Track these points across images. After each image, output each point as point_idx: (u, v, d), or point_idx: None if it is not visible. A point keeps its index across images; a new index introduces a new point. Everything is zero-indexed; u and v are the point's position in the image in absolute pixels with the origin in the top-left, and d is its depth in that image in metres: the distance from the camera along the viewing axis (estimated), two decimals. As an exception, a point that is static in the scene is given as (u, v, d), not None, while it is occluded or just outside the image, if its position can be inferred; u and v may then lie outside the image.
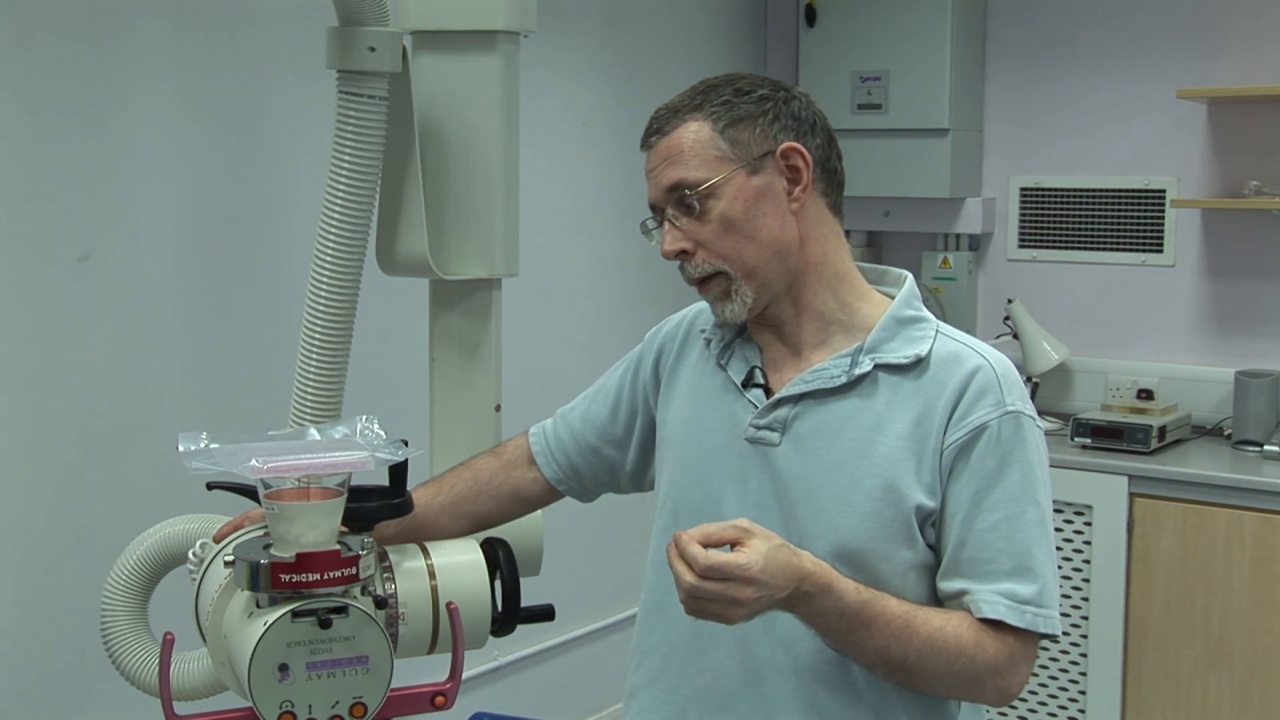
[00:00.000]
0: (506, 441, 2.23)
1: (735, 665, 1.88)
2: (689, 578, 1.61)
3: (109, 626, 2.20)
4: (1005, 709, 4.59)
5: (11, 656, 3.08)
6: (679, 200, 1.87)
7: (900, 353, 1.87)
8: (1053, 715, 4.56)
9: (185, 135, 3.37)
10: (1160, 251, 4.88)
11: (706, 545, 1.63)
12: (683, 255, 1.88)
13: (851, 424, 1.86)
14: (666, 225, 1.89)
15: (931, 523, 1.84)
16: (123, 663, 2.20)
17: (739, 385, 1.94)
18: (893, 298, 1.94)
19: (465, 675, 1.80)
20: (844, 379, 1.87)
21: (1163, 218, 4.86)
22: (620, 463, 2.13)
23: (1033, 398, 4.78)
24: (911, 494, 1.82)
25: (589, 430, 2.14)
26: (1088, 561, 4.44)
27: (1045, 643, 4.40)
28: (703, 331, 2.04)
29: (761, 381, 1.92)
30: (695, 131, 1.87)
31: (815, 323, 1.92)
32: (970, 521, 1.82)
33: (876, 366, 1.87)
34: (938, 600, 1.84)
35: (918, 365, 1.86)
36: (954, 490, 1.83)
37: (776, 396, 1.90)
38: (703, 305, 2.08)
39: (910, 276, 1.98)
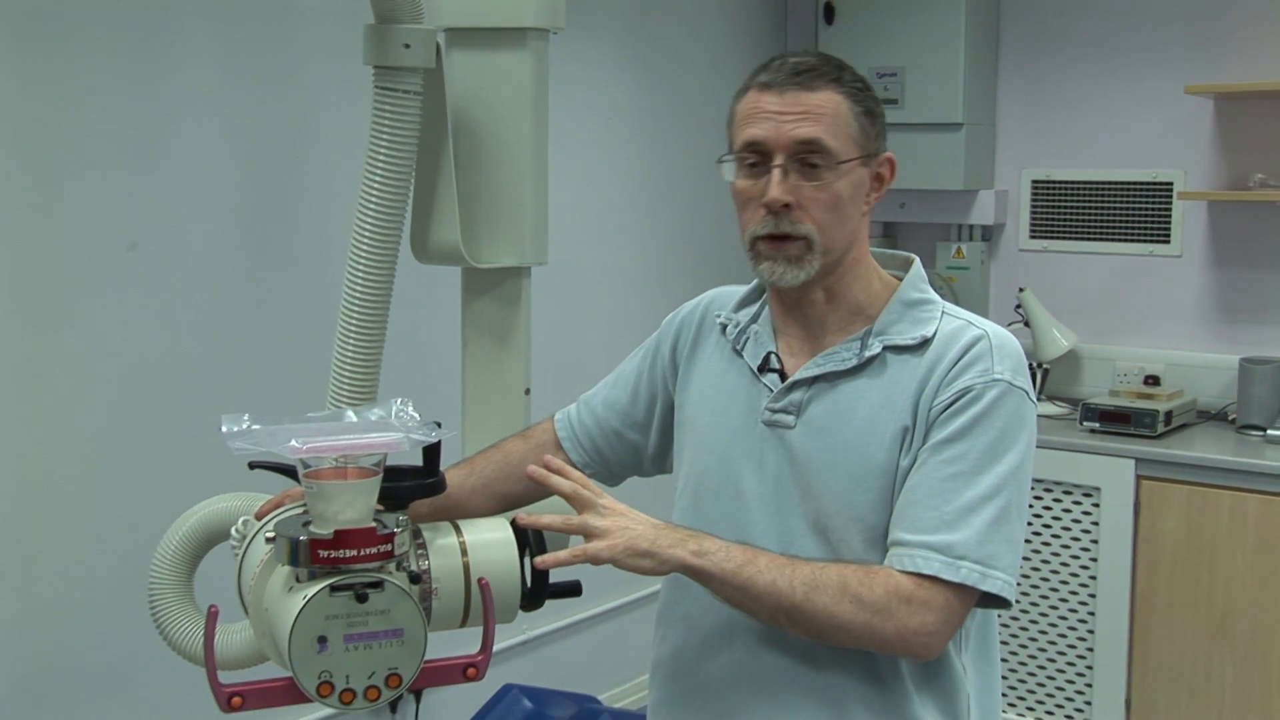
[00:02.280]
0: (534, 425, 2.23)
1: (760, 640, 1.88)
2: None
3: (156, 599, 2.22)
4: (1015, 683, 4.59)
5: (63, 627, 3.10)
6: (804, 158, 1.83)
7: (908, 334, 1.87)
8: (1060, 689, 4.56)
9: (227, 130, 3.38)
10: (1167, 242, 4.87)
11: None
12: (785, 208, 1.85)
13: (862, 403, 1.85)
14: (778, 174, 1.83)
15: None
16: (169, 634, 2.21)
17: (755, 370, 1.94)
18: (900, 280, 1.94)
19: (495, 648, 1.80)
20: (854, 361, 1.87)
21: (1170, 209, 4.85)
22: (642, 445, 2.13)
23: (1043, 384, 4.80)
24: (907, 463, 1.82)
25: (611, 415, 2.14)
26: (1095, 541, 4.43)
27: (1053, 619, 4.42)
28: (717, 316, 2.04)
29: (777, 366, 1.92)
30: (838, 103, 1.84)
31: (842, 312, 1.91)
32: (920, 469, 1.80)
33: (885, 348, 1.87)
34: None
35: (924, 345, 1.86)
36: (923, 448, 1.81)
37: (791, 380, 1.89)
38: (717, 292, 2.08)
39: (917, 260, 1.98)
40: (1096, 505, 4.43)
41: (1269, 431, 4.41)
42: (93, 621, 3.14)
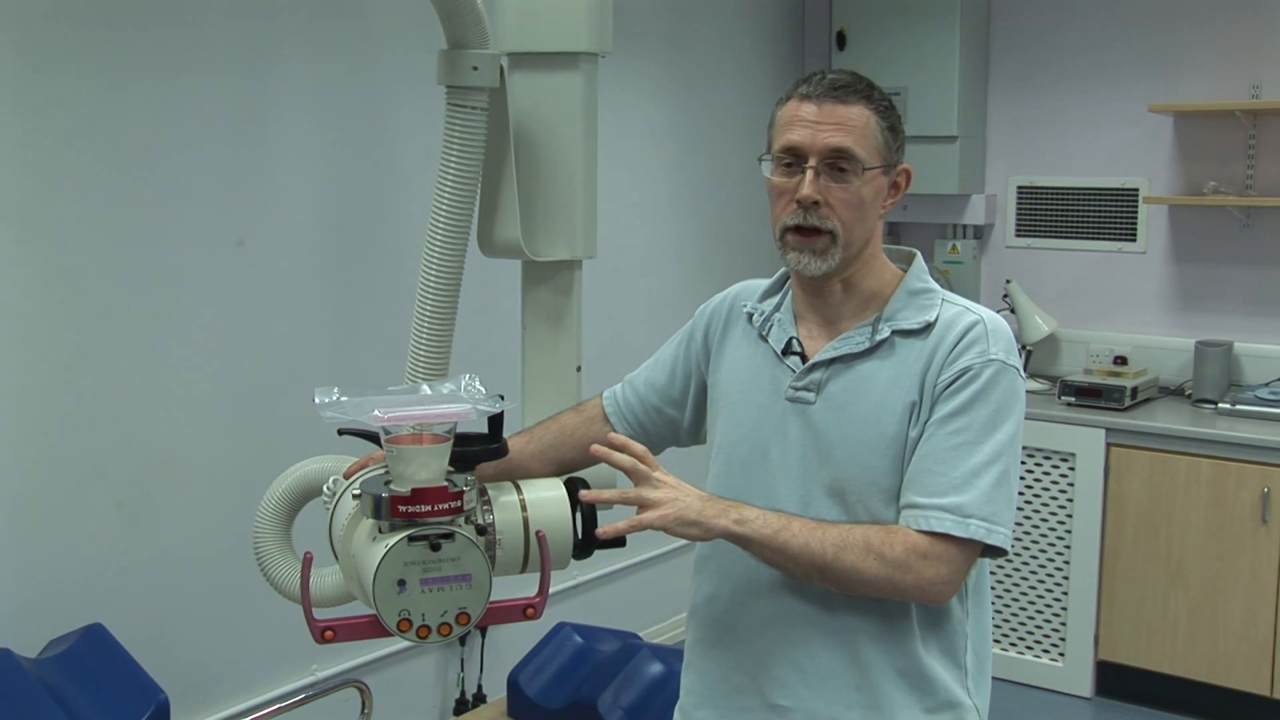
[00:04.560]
0: (586, 401, 2.20)
1: (783, 589, 1.85)
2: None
3: (260, 546, 2.21)
4: (1000, 622, 4.56)
5: (184, 567, 3.12)
6: (835, 163, 1.80)
7: (913, 320, 1.84)
8: (1039, 627, 4.53)
9: (322, 141, 3.38)
10: (1134, 240, 4.84)
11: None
12: (815, 205, 1.83)
13: (873, 381, 1.83)
14: (811, 174, 1.80)
15: None
16: (271, 575, 2.21)
17: (779, 353, 1.92)
18: (904, 272, 1.92)
19: (551, 591, 1.79)
20: (867, 344, 1.84)
21: (1136, 212, 4.83)
22: (679, 420, 2.10)
23: (1026, 363, 4.76)
24: (915, 433, 1.80)
25: (651, 393, 2.11)
26: (1071, 500, 4.42)
27: (1033, 567, 4.39)
28: (744, 306, 2.01)
29: (798, 349, 1.90)
30: (868, 117, 1.81)
31: (856, 301, 1.88)
32: (929, 440, 1.77)
33: (893, 332, 1.84)
34: None
35: (927, 329, 1.83)
36: (929, 421, 1.78)
37: (811, 362, 1.87)
38: (742, 285, 2.05)
39: (919, 254, 1.96)
40: (1072, 469, 4.41)
41: (1220, 405, 4.39)
42: (207, 564, 3.16)
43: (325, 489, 1.96)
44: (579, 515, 1.90)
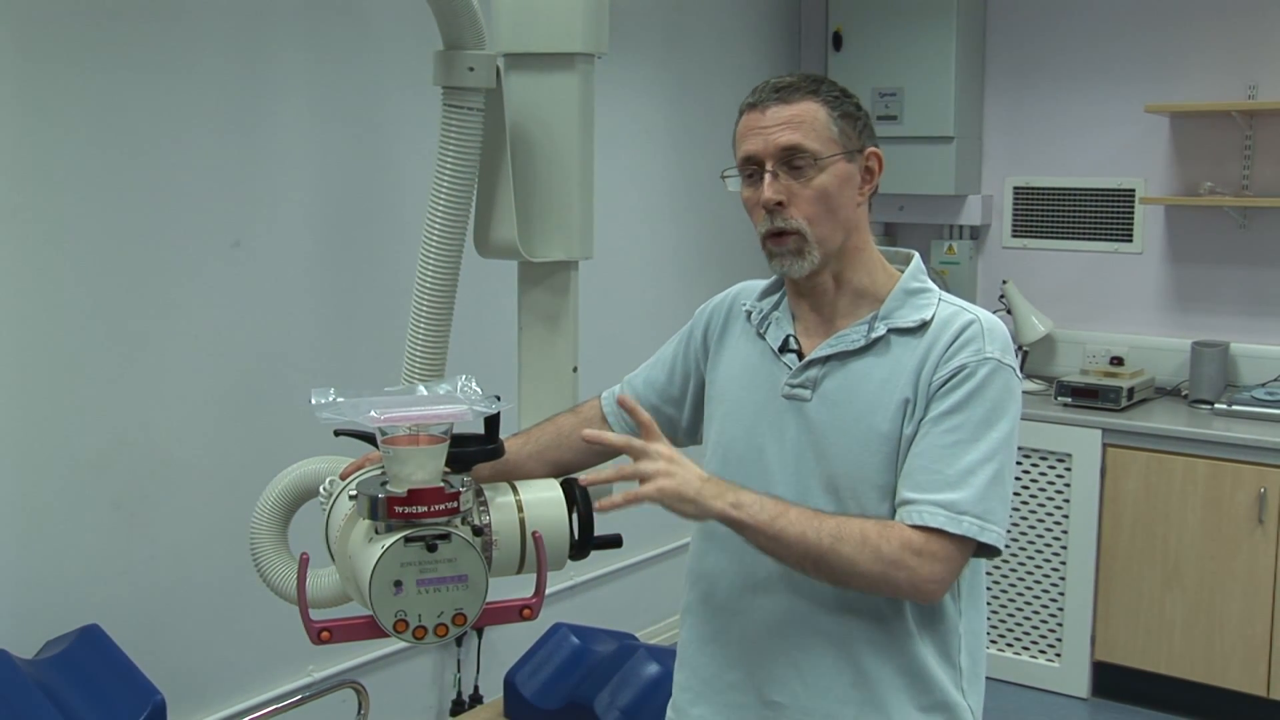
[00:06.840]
0: (583, 402, 2.20)
1: (778, 589, 1.85)
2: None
3: (256, 547, 2.21)
4: (996, 623, 4.57)
5: (179, 569, 3.12)
6: (789, 161, 1.82)
7: (909, 318, 1.84)
8: (1035, 628, 4.54)
9: (318, 142, 3.37)
10: (1130, 241, 4.84)
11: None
12: (778, 206, 1.84)
13: (869, 379, 1.83)
14: (769, 178, 1.82)
15: None
16: (267, 576, 2.21)
17: (776, 351, 1.92)
18: (902, 273, 1.92)
19: (547, 592, 1.79)
20: (863, 342, 1.84)
21: (1132, 212, 4.83)
22: (677, 419, 2.11)
23: (1023, 364, 4.77)
24: (910, 430, 1.80)
25: (650, 392, 2.12)
26: (1068, 500, 4.42)
27: (1030, 567, 4.40)
28: (744, 305, 2.01)
29: (795, 347, 1.90)
30: (815, 110, 1.82)
31: (849, 296, 1.89)
32: (924, 438, 1.77)
33: (889, 330, 1.84)
34: None
35: (923, 327, 1.84)
36: (925, 419, 1.78)
37: (807, 359, 1.87)
38: (742, 285, 2.06)
39: (917, 255, 1.96)
40: (1069, 469, 4.41)
41: (1216, 405, 4.39)
42: (203, 565, 3.15)
43: (321, 490, 1.96)
44: (575, 516, 1.90)
